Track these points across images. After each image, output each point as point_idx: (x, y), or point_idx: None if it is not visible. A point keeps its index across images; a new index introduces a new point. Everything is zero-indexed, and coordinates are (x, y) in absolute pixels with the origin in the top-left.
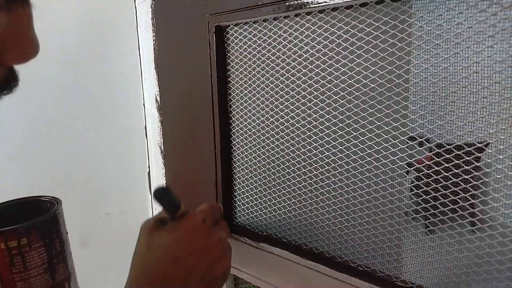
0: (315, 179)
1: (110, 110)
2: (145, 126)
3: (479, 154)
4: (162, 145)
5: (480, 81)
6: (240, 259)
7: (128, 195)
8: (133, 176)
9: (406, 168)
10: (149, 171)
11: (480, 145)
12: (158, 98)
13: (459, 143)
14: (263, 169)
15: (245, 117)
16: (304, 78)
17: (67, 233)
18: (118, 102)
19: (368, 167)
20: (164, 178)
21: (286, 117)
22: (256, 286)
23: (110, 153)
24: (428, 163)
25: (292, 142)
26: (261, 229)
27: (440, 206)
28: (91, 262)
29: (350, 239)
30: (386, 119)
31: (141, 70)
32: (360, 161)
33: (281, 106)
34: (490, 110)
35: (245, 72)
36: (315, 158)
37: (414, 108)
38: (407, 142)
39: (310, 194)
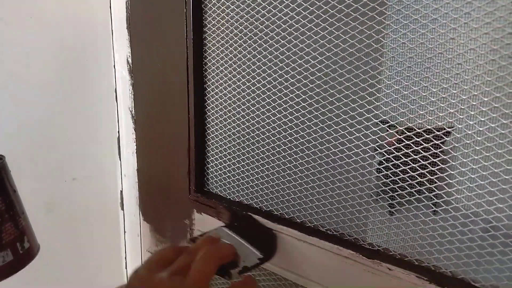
0: (288, 151)
1: (78, 71)
2: (116, 89)
3: (443, 138)
4: (133, 110)
5: (451, 68)
6: (211, 224)
7: (96, 161)
8: (102, 141)
9: (374, 149)
10: (118, 136)
11: (444, 129)
12: (129, 60)
13: (426, 126)
14: (237, 135)
15: (220, 81)
16: (282, 49)
17: (15, 191)
18: (87, 63)
19: (335, 142)
20: (135, 143)
21: (263, 89)
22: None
23: (77, 117)
24: (392, 146)
25: (267, 114)
26: (233, 196)
27: (406, 187)
28: (57, 228)
29: (320, 204)
30: (359, 101)
31: (111, 30)
32: (333, 135)
33: (259, 73)
34: (459, 96)
35: (222, 35)
36: (289, 131)
37: (386, 91)
38: (376, 124)
39: (283, 166)
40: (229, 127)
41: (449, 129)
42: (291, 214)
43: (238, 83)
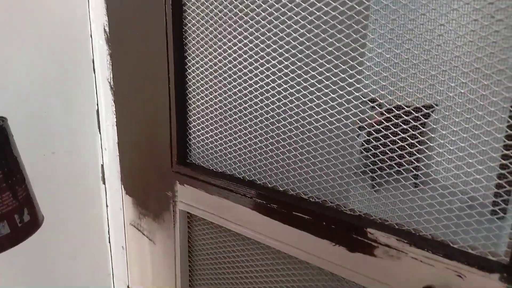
0: (272, 121)
1: (54, 42)
2: (93, 59)
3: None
4: (111, 81)
5: (430, 49)
6: (195, 196)
7: (75, 134)
8: (81, 113)
9: (358, 128)
10: (97, 108)
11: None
12: (106, 29)
13: (407, 106)
14: (219, 105)
15: (201, 49)
16: (265, 15)
17: (16, 158)
18: (62, 34)
19: (317, 117)
20: (114, 116)
21: (245, 56)
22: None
23: (54, 89)
24: (376, 124)
25: (249, 82)
26: (216, 167)
27: (389, 162)
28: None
29: (303, 172)
30: (341, 83)
31: None
32: (315, 109)
33: (241, 41)
34: (438, 77)
35: (202, 0)
36: (274, 103)
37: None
38: (360, 104)
39: (265, 135)
40: (210, 96)
41: (433, 106)
42: (274, 183)
43: (220, 50)
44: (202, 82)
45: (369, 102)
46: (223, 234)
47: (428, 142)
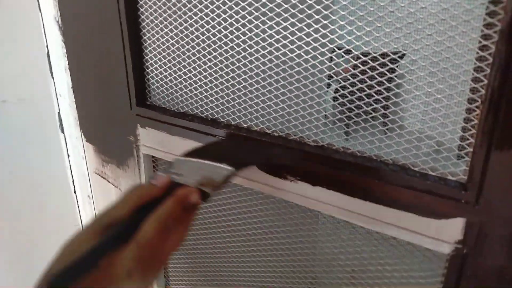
0: (236, 56)
1: None
2: None
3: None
4: (59, 20)
5: None
6: (158, 139)
7: (26, 81)
8: (29, 58)
9: (329, 77)
10: (47, 51)
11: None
12: None
13: (377, 53)
14: (176, 39)
15: None
16: None
17: None
18: None
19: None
20: (66, 58)
21: None
22: None
23: None
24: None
25: (211, 16)
26: (178, 107)
27: (360, 112)
28: None
29: (272, 111)
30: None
31: None
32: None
33: None
34: (407, 20)
35: None
36: (238, 37)
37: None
38: (330, 52)
39: (225, 70)
40: (166, 30)
41: (404, 52)
42: (237, 120)
43: None
44: (157, 14)
45: (337, 50)
46: None
47: (396, 89)
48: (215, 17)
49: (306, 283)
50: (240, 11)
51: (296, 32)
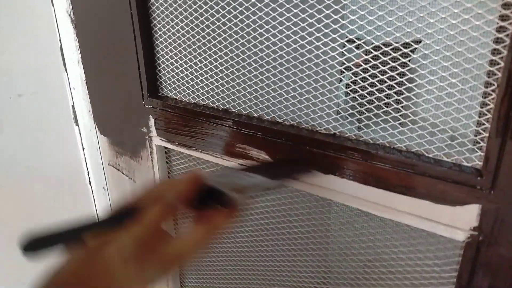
0: (247, 44)
1: None
2: None
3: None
4: (71, 13)
5: None
6: (167, 129)
7: (40, 74)
8: (42, 51)
9: (340, 72)
10: (60, 45)
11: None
12: None
13: (392, 42)
14: (186, 30)
15: None
16: None
17: None
18: None
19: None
20: (79, 51)
21: None
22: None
23: (11, 26)
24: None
25: (223, 11)
26: (189, 98)
27: (375, 102)
28: (10, 149)
29: (283, 100)
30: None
31: None
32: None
33: None
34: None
35: None
36: (249, 26)
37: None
38: (344, 44)
39: (235, 59)
40: (176, 21)
41: (416, 44)
42: (248, 110)
43: None
44: (166, 5)
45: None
46: (202, 166)
47: (407, 83)
48: (225, 5)
49: (320, 272)
50: (257, 3)
51: (307, 18)
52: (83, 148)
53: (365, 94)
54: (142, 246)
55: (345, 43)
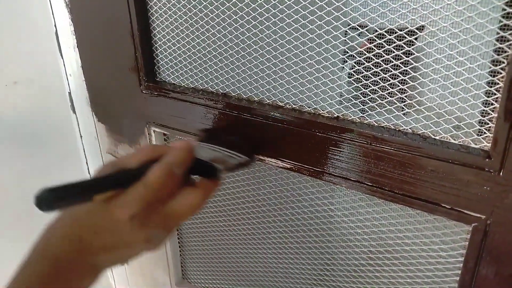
0: (247, 26)
1: None
2: None
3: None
4: None
5: None
6: (165, 113)
7: (36, 60)
8: (37, 36)
9: (343, 60)
10: (56, 30)
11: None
12: None
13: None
14: (184, 11)
15: None
16: None
17: None
18: None
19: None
20: (74, 37)
21: None
22: None
23: (2, 10)
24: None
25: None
26: (187, 82)
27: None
28: (7, 139)
29: (284, 82)
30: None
31: None
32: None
33: None
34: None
35: None
36: (249, 14)
37: None
38: (346, 31)
39: (236, 40)
40: (173, 2)
41: (419, 32)
42: (248, 93)
43: None
44: None
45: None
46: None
47: (412, 72)
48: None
49: (323, 259)
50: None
51: (309, 6)
52: (81, 136)
53: (369, 84)
54: (146, 207)
55: (348, 23)
